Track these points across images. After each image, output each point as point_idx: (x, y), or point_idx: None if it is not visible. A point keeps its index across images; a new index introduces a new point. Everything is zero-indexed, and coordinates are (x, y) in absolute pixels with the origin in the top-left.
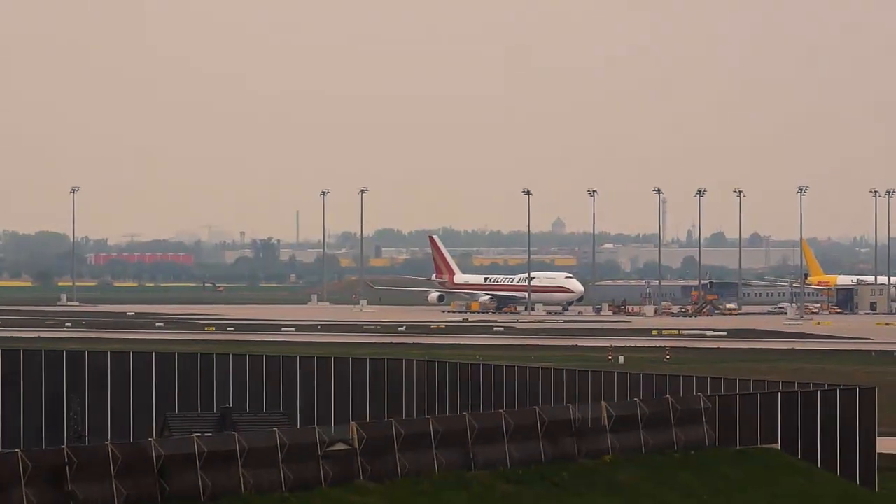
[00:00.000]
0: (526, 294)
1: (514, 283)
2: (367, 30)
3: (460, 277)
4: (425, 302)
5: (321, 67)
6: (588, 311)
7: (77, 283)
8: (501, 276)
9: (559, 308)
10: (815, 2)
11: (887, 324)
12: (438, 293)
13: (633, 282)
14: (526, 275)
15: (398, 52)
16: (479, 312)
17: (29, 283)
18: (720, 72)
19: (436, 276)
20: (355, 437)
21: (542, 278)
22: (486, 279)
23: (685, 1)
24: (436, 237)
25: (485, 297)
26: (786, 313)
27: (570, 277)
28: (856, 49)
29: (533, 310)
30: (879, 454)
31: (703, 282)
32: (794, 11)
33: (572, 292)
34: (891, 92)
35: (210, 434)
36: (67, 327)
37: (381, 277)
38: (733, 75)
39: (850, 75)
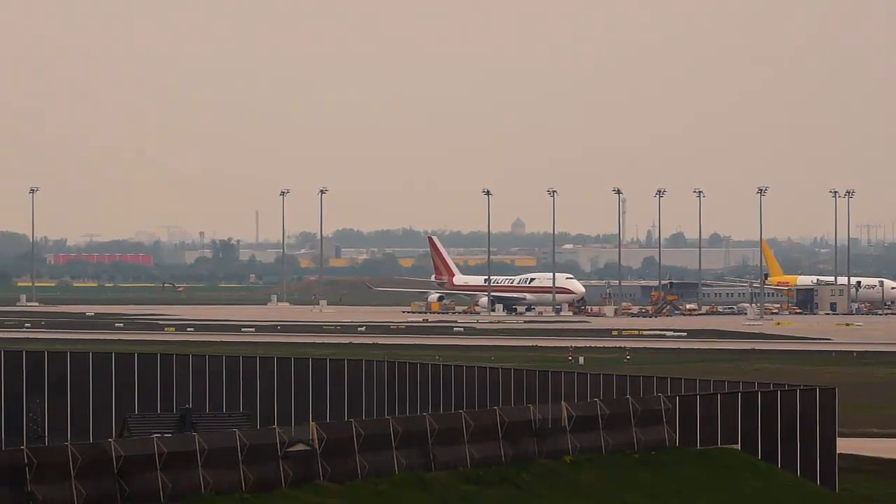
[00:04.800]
0: (526, 295)
1: (515, 284)
2: (325, 32)
3: (460, 279)
4: (424, 303)
5: (280, 69)
6: (548, 311)
7: (36, 284)
8: (502, 277)
9: (559, 308)
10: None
11: (847, 324)
12: (438, 294)
13: (594, 282)
14: (527, 276)
15: (356, 54)
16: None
17: None
18: (679, 71)
19: (435, 278)
20: (315, 437)
21: (542, 279)
22: (485, 280)
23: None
24: (435, 238)
25: (484, 299)
26: (745, 313)
27: (571, 278)
28: (815, 51)
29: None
30: (839, 454)
31: (662, 282)
32: (750, 13)
33: (573, 293)
34: (850, 92)
35: (170, 435)
36: (27, 328)
37: (380, 277)
38: (692, 74)
39: (808, 77)
